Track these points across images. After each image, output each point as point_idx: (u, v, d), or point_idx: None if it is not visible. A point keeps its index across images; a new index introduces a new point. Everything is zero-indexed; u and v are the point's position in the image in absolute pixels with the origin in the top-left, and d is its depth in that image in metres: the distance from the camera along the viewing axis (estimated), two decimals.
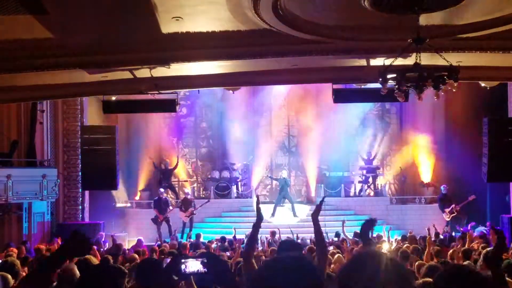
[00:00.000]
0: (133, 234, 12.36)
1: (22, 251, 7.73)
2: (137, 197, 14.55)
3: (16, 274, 4.14)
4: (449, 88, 5.74)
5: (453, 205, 12.34)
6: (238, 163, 14.81)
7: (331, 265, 5.36)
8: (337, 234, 10.48)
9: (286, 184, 13.81)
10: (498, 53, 7.16)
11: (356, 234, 10.20)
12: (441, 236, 10.23)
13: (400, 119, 15.83)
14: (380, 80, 5.96)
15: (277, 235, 9.86)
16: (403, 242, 9.30)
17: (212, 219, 13.64)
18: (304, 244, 8.37)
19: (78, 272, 3.34)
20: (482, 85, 10.40)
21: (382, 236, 10.01)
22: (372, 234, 10.01)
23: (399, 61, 6.14)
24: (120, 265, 4.79)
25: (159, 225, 12.48)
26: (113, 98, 9.77)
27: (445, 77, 5.64)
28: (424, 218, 12.33)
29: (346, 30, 6.54)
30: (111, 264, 4.83)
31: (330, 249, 7.70)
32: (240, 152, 14.92)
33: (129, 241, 11.91)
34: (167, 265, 3.02)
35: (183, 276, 2.77)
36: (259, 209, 3.31)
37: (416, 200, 14.18)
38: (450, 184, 13.25)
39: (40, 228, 11.26)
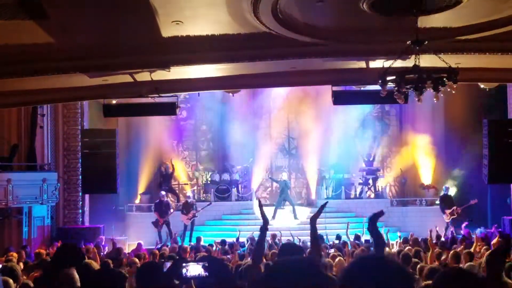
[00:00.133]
0: (133, 238, 12.34)
1: (22, 256, 7.71)
2: (137, 201, 14.54)
3: (17, 279, 4.13)
4: (449, 90, 5.75)
5: (455, 207, 12.33)
6: (238, 166, 14.81)
7: (333, 268, 5.34)
8: (338, 237, 10.45)
9: (287, 187, 13.79)
10: (497, 55, 7.17)
11: (357, 237, 10.18)
12: (443, 238, 10.20)
13: (400, 121, 15.83)
14: (380, 82, 5.98)
15: (277, 238, 9.84)
16: (404, 245, 9.29)
17: (213, 222, 13.63)
18: (305, 247, 8.35)
19: (78, 276, 3.33)
20: (482, 87, 10.41)
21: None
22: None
23: (399, 63, 6.16)
24: (121, 269, 4.78)
25: (160, 228, 12.47)
26: (114, 102, 9.78)
27: (444, 79, 5.65)
28: (425, 220, 12.30)
29: (345, 33, 6.56)
30: (112, 269, 4.83)
31: (331, 252, 7.69)
32: (240, 155, 14.91)
33: (129, 245, 11.89)
34: (168, 269, 3.01)
35: (184, 280, 2.77)
36: (264, 212, 3.29)
37: (417, 202, 14.16)
38: (451, 186, 13.26)
39: (40, 232, 11.25)
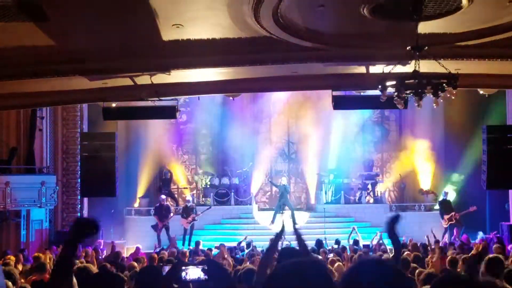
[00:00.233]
0: (132, 242, 12.30)
1: (20, 259, 7.67)
2: (136, 204, 14.50)
3: (15, 282, 4.11)
4: (448, 96, 5.76)
5: (453, 213, 12.32)
6: (238, 170, 14.80)
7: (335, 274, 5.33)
8: (337, 242, 10.43)
9: (286, 191, 13.78)
10: (497, 61, 7.20)
11: (356, 242, 10.16)
12: (441, 244, 10.18)
13: (400, 126, 15.85)
14: (380, 87, 5.99)
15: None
16: (403, 250, 9.27)
17: (212, 226, 13.59)
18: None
19: (75, 280, 3.31)
20: (481, 93, 10.43)
21: (382, 244, 9.98)
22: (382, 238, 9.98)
23: (399, 69, 6.17)
24: (121, 271, 4.76)
25: (159, 232, 12.44)
26: (113, 105, 9.76)
27: (444, 85, 5.65)
28: (424, 226, 12.29)
29: (346, 38, 6.58)
30: (110, 272, 4.80)
31: (330, 257, 7.67)
32: (240, 159, 14.91)
33: (128, 249, 11.85)
34: (167, 273, 3.00)
35: (183, 284, 2.76)
36: (284, 222, 3.24)
37: (416, 207, 14.16)
38: (450, 192, 13.25)
39: (38, 236, 11.20)
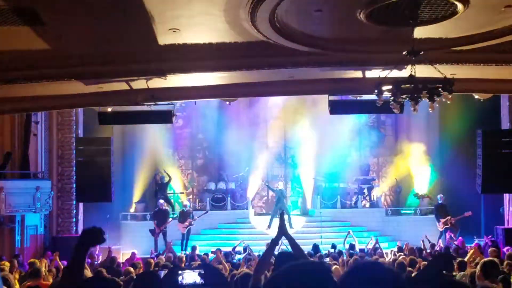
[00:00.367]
0: (128, 247, 12.22)
1: (14, 265, 7.60)
2: (132, 209, 14.42)
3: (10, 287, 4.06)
4: (444, 100, 5.79)
5: (449, 217, 12.35)
6: (234, 175, 14.77)
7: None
8: (333, 246, 10.43)
9: (283, 196, 13.78)
10: (492, 66, 7.25)
11: (352, 247, 10.17)
12: (437, 248, 10.22)
13: (395, 131, 15.91)
14: (376, 92, 6.01)
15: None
16: (399, 254, 9.30)
17: (208, 231, 13.55)
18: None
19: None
20: (476, 97, 10.51)
21: (378, 248, 9.99)
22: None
23: (395, 73, 6.21)
24: (116, 277, 4.72)
25: (156, 237, 12.38)
26: (109, 110, 9.73)
27: (440, 89, 5.69)
28: (420, 230, 12.32)
29: (342, 43, 6.61)
30: (105, 277, 4.77)
31: (326, 261, 7.66)
32: (236, 164, 14.89)
33: (123, 254, 11.77)
34: (164, 277, 2.98)
35: None
36: (282, 226, 3.25)
37: (412, 211, 14.18)
38: (445, 195, 13.28)
39: (33, 241, 11.10)
